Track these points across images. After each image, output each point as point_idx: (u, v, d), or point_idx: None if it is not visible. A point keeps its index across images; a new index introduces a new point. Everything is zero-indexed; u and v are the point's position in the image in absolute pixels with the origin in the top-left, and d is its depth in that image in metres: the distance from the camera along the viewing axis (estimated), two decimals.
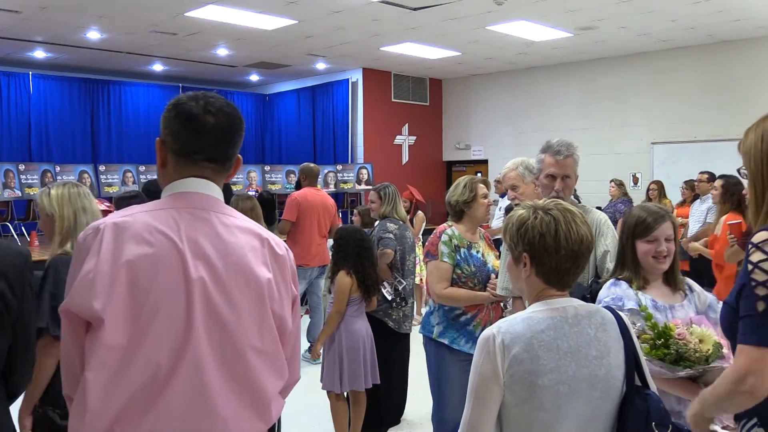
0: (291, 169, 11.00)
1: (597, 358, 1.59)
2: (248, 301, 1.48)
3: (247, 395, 1.47)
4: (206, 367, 1.41)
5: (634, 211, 2.44)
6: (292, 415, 4.84)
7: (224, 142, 1.56)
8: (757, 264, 1.56)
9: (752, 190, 1.72)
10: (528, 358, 1.53)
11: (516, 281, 1.74)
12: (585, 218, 1.67)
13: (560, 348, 1.56)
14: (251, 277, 1.49)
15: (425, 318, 3.53)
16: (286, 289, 1.58)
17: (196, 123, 1.52)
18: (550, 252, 1.60)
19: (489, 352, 1.55)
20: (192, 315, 1.41)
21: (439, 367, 3.43)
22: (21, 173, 9.21)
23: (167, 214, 1.47)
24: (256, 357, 1.48)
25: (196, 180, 1.53)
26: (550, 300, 1.63)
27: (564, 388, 1.54)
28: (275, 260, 1.56)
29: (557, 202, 1.68)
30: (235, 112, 1.58)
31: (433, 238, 3.41)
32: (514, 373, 1.53)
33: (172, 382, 1.39)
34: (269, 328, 1.51)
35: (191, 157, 1.53)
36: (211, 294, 1.44)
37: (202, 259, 1.45)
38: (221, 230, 1.49)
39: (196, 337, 1.41)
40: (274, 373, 1.53)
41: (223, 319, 1.44)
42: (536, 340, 1.55)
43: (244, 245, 1.50)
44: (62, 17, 7.69)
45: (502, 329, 1.57)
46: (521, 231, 1.64)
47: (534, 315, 1.60)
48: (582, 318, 1.62)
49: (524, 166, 3.55)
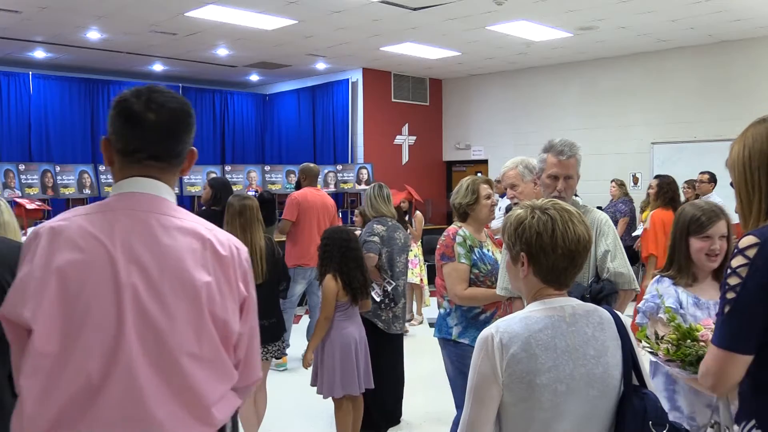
0: (291, 169, 11.00)
1: (594, 357, 1.60)
2: (184, 306, 1.44)
3: (185, 400, 1.43)
4: (140, 373, 1.38)
5: (688, 209, 2.48)
6: (293, 416, 4.84)
7: (168, 139, 1.51)
8: (735, 269, 1.61)
9: (738, 201, 1.75)
10: (526, 357, 1.54)
11: (514, 280, 1.75)
12: (582, 218, 1.68)
13: (558, 347, 1.57)
14: (187, 282, 1.44)
15: (440, 321, 3.46)
16: (231, 291, 1.53)
17: (136, 121, 1.47)
18: (547, 251, 1.61)
19: (487, 351, 1.56)
20: (123, 321, 1.38)
21: (462, 369, 3.33)
22: (21, 173, 9.21)
23: (104, 218, 1.44)
24: (193, 363, 1.44)
25: (141, 179, 1.49)
26: (547, 299, 1.64)
27: (562, 386, 1.55)
28: (218, 262, 1.50)
29: (554, 202, 1.69)
30: (181, 107, 1.53)
31: (447, 240, 3.37)
32: (512, 372, 1.54)
33: (105, 388, 1.37)
34: (208, 333, 1.47)
35: (134, 156, 1.49)
36: (143, 300, 1.40)
37: (135, 263, 1.41)
38: (159, 233, 1.45)
39: (128, 344, 1.38)
40: (215, 378, 1.49)
41: (157, 325, 1.41)
42: (534, 340, 1.56)
43: (182, 248, 1.46)
44: (62, 17, 7.69)
45: (501, 329, 1.58)
46: (519, 230, 1.65)
47: (532, 314, 1.61)
48: (580, 317, 1.63)
49: (524, 165, 3.54)
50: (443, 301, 3.46)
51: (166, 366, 1.41)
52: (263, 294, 3.84)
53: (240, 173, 10.93)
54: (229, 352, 1.53)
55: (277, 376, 5.73)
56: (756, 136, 1.69)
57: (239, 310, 1.56)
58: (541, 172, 2.88)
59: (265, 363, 4.01)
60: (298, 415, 4.84)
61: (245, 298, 1.57)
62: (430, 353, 3.62)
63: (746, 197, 1.71)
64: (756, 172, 1.67)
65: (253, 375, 1.63)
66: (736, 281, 1.60)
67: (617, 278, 2.74)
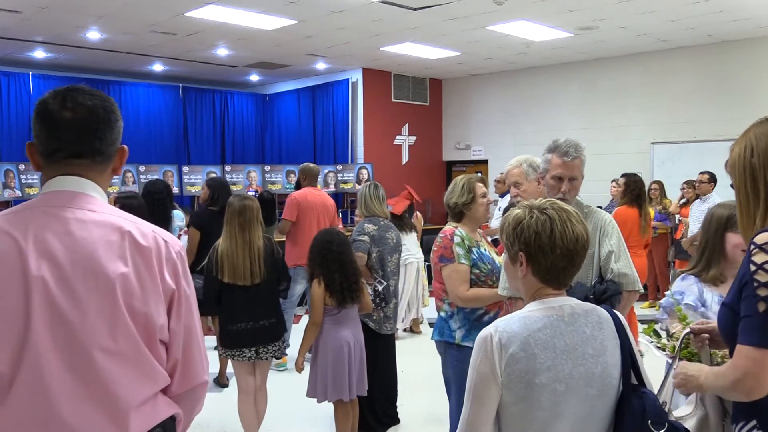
0: (291, 169, 10.99)
1: (593, 356, 1.60)
2: (96, 299, 1.39)
3: (99, 401, 1.37)
4: (49, 370, 1.34)
5: (719, 210, 2.52)
6: (293, 416, 4.84)
7: (87, 136, 1.48)
8: (761, 265, 1.56)
9: (738, 203, 1.72)
10: (525, 357, 1.54)
11: (513, 280, 1.75)
12: (581, 217, 1.68)
13: (557, 346, 1.57)
14: (99, 273, 1.40)
15: (441, 324, 3.35)
16: (154, 283, 1.46)
17: (51, 121, 1.46)
18: (546, 251, 1.61)
19: (486, 351, 1.57)
20: (30, 314, 1.34)
21: (465, 372, 3.31)
22: (21, 173, 9.21)
23: (20, 216, 1.43)
24: (107, 358, 1.38)
25: (64, 178, 1.48)
26: (546, 299, 1.65)
27: (561, 386, 1.55)
28: (138, 253, 1.45)
29: (553, 202, 1.70)
30: (99, 103, 1.50)
31: (444, 241, 3.28)
32: (511, 372, 1.54)
33: (14, 386, 1.33)
34: (123, 326, 1.40)
35: (54, 157, 1.48)
36: (53, 292, 1.36)
37: (46, 257, 1.38)
38: (74, 226, 1.42)
39: (36, 338, 1.34)
40: (135, 377, 1.42)
41: (67, 318, 1.36)
42: (533, 339, 1.56)
43: (97, 240, 1.42)
44: (62, 17, 7.69)
45: (500, 328, 1.58)
46: (517, 230, 1.66)
47: (531, 314, 1.62)
48: (578, 317, 1.63)
49: (528, 163, 3.50)
50: (443, 304, 3.36)
51: (79, 362, 1.36)
52: (263, 294, 3.87)
53: (240, 173, 10.93)
54: (154, 350, 1.46)
55: (278, 376, 5.73)
56: (760, 135, 1.67)
57: (169, 306, 1.50)
58: (545, 172, 2.82)
59: (265, 363, 4.01)
60: (298, 415, 4.84)
61: (173, 292, 1.50)
62: (432, 354, 3.56)
63: (745, 198, 1.69)
64: (762, 170, 1.65)
65: (195, 377, 1.55)
66: (767, 278, 1.54)
67: (621, 279, 2.69)
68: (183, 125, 11.85)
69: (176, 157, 11.47)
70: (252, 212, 3.84)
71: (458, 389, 3.31)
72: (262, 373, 4.03)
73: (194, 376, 1.55)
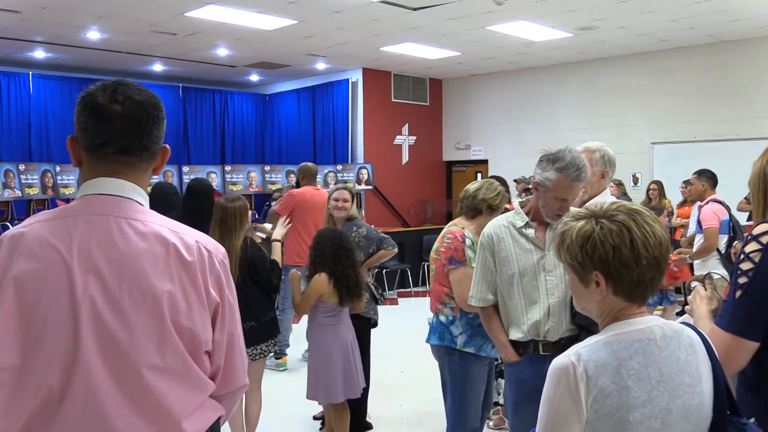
0: (291, 169, 10.99)
1: (690, 385, 1.39)
2: (144, 317, 1.37)
3: (151, 415, 1.37)
4: (100, 388, 1.33)
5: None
6: (293, 417, 4.84)
7: (135, 131, 1.45)
8: (749, 254, 1.62)
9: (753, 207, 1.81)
10: (617, 391, 1.33)
11: (581, 301, 1.50)
12: (653, 214, 1.46)
13: (652, 377, 1.35)
14: (147, 291, 1.38)
15: (441, 329, 3.25)
16: (200, 298, 1.44)
17: (101, 113, 1.42)
18: (630, 265, 1.37)
19: (569, 384, 1.34)
20: (79, 334, 1.33)
21: (465, 379, 3.21)
22: (21, 173, 9.20)
23: (63, 224, 1.39)
24: (156, 375, 1.37)
25: (106, 180, 1.44)
26: (632, 319, 1.41)
27: (657, 423, 1.34)
28: (184, 269, 1.42)
29: (619, 204, 1.46)
30: (148, 99, 1.47)
31: (455, 242, 3.17)
32: (599, 408, 1.33)
33: (65, 403, 1.32)
34: (172, 344, 1.39)
35: (101, 151, 1.44)
36: (101, 311, 1.34)
37: (93, 272, 1.35)
38: (118, 238, 1.39)
39: (86, 357, 1.33)
40: (184, 391, 1.42)
41: (115, 338, 1.35)
42: (625, 369, 1.34)
43: (143, 254, 1.39)
44: (62, 17, 7.68)
45: (583, 357, 1.35)
46: (587, 248, 1.40)
47: (618, 338, 1.38)
48: (671, 339, 1.41)
49: (601, 153, 3.25)
50: (443, 308, 3.24)
51: (128, 380, 1.36)
52: (253, 294, 3.71)
53: (240, 173, 10.94)
54: (199, 362, 1.46)
55: (278, 376, 5.73)
56: None
57: (213, 317, 1.49)
58: (544, 187, 2.65)
59: (259, 362, 3.94)
60: (298, 416, 4.83)
61: (218, 304, 1.49)
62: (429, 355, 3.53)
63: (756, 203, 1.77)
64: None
65: (236, 381, 1.57)
66: (749, 266, 1.59)
67: None
68: (183, 125, 11.84)
69: (176, 157, 11.46)
70: (234, 221, 3.68)
71: (457, 394, 3.26)
72: (252, 376, 3.97)
73: (235, 380, 1.56)
